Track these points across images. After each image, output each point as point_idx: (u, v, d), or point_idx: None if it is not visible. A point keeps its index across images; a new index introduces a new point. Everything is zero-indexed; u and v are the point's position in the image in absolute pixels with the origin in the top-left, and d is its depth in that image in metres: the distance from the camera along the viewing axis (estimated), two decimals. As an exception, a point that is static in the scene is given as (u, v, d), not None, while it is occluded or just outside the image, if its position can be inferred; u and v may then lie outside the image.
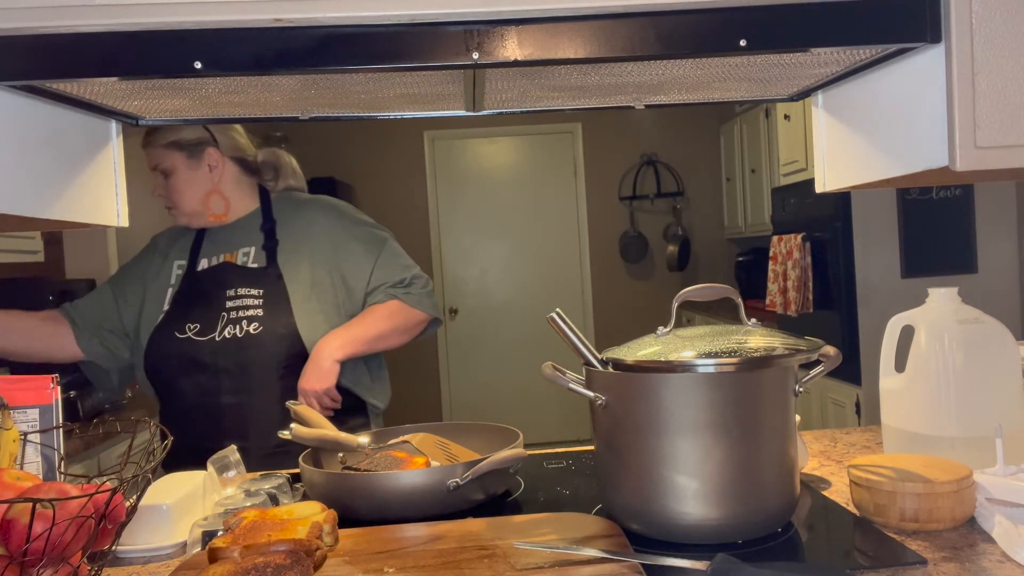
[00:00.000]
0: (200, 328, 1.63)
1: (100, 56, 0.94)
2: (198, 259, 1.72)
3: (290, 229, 1.73)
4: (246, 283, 1.66)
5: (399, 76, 1.05)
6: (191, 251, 1.73)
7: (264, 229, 1.72)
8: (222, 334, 1.62)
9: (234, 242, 1.72)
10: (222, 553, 0.94)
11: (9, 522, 0.85)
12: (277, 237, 1.72)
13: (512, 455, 1.23)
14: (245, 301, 1.64)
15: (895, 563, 0.95)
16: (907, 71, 1.06)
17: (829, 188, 1.32)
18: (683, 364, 1.01)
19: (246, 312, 1.63)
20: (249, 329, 1.62)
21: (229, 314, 1.63)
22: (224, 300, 1.65)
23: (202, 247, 1.74)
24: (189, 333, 1.63)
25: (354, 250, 1.73)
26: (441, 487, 1.17)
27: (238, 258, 1.70)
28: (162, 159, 1.69)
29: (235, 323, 1.63)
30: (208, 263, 1.71)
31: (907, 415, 1.32)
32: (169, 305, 1.68)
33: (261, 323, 1.62)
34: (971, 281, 3.23)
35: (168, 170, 1.69)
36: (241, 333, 1.62)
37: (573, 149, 5.97)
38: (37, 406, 1.11)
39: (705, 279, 5.70)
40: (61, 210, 1.08)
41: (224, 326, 1.62)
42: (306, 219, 1.75)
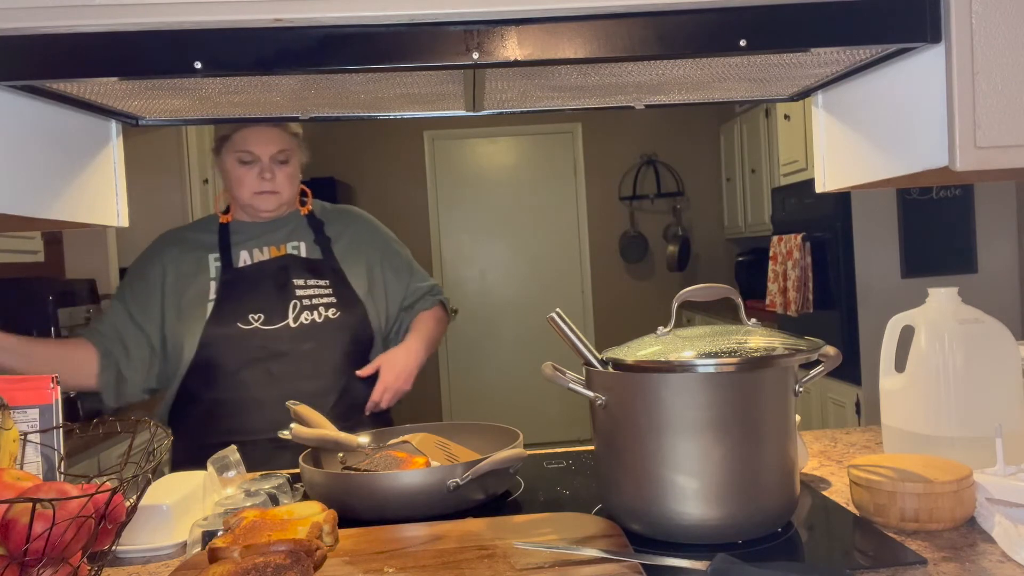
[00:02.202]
0: (266, 317, 1.63)
1: (100, 56, 0.94)
2: (233, 254, 1.71)
3: (338, 229, 1.79)
4: (312, 274, 1.70)
5: (399, 76, 1.05)
6: (220, 245, 1.72)
7: (313, 225, 1.77)
8: (298, 320, 1.64)
9: (277, 237, 1.73)
10: (222, 553, 0.94)
11: (9, 522, 0.85)
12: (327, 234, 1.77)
13: (512, 455, 1.23)
14: (315, 290, 1.68)
15: (895, 563, 0.95)
16: (907, 71, 1.06)
17: (829, 188, 1.32)
18: (683, 364, 1.01)
19: (320, 300, 1.67)
20: (328, 314, 1.66)
21: (302, 301, 1.66)
22: (293, 288, 1.67)
23: (233, 242, 1.72)
24: (255, 323, 1.62)
25: (397, 262, 1.84)
26: (441, 487, 1.17)
27: (287, 251, 1.72)
28: (288, 145, 1.69)
29: (310, 309, 1.66)
30: (251, 257, 1.70)
31: (907, 415, 1.32)
32: (215, 297, 1.66)
33: (337, 308, 1.68)
34: (971, 281, 3.23)
35: (287, 158, 1.69)
36: (320, 319, 1.66)
37: (573, 149, 5.97)
38: (37, 406, 1.11)
39: (705, 279, 5.69)
40: (61, 210, 1.08)
41: (299, 313, 1.65)
42: (351, 222, 1.83)
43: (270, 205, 1.69)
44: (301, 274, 1.69)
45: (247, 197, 1.69)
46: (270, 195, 1.68)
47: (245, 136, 1.65)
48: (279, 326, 1.63)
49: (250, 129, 1.65)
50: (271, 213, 1.72)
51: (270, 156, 1.66)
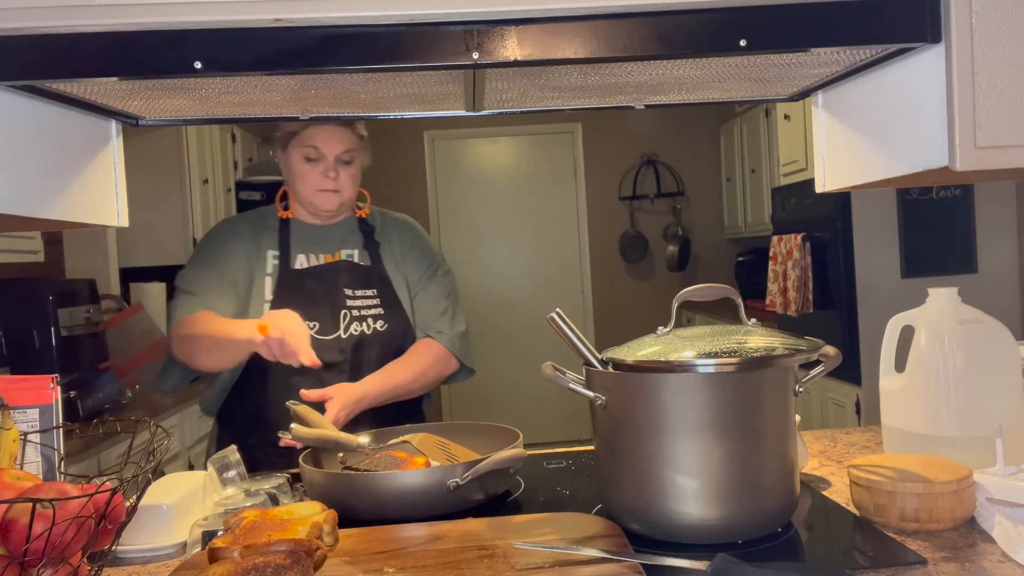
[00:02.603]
0: (320, 327, 1.63)
1: (100, 56, 0.94)
2: (291, 254, 1.70)
3: (388, 236, 1.78)
4: (361, 283, 1.69)
5: (399, 76, 1.05)
6: (280, 243, 1.71)
7: (363, 230, 1.76)
8: (347, 331, 1.64)
9: (333, 243, 1.73)
10: (222, 553, 0.94)
11: (9, 522, 0.85)
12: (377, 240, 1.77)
13: (511, 455, 1.23)
14: (364, 301, 1.68)
15: (895, 563, 0.95)
16: (907, 71, 1.06)
17: (829, 188, 1.32)
18: (683, 364, 1.01)
19: (369, 311, 1.67)
20: (376, 326, 1.66)
21: (351, 312, 1.66)
22: (344, 299, 1.66)
23: (292, 242, 1.71)
24: (311, 331, 1.59)
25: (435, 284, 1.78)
26: (441, 487, 1.17)
27: (341, 258, 1.72)
28: (354, 146, 1.68)
29: (360, 320, 1.66)
30: (307, 261, 1.69)
31: (907, 415, 1.32)
32: (272, 297, 1.65)
33: (385, 320, 1.68)
34: (971, 281, 3.23)
35: (352, 159, 1.69)
36: (368, 330, 1.66)
37: (573, 149, 5.97)
38: (37, 406, 1.11)
39: (705, 279, 5.68)
40: (61, 210, 1.08)
41: (348, 324, 1.64)
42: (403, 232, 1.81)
43: (331, 204, 1.68)
44: (352, 283, 1.68)
45: (309, 194, 1.67)
46: (332, 194, 1.67)
47: (314, 133, 1.64)
48: (332, 337, 1.63)
49: (319, 127, 1.64)
50: (331, 212, 1.71)
51: (336, 155, 1.65)
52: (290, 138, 1.67)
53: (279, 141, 1.70)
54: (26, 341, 2.52)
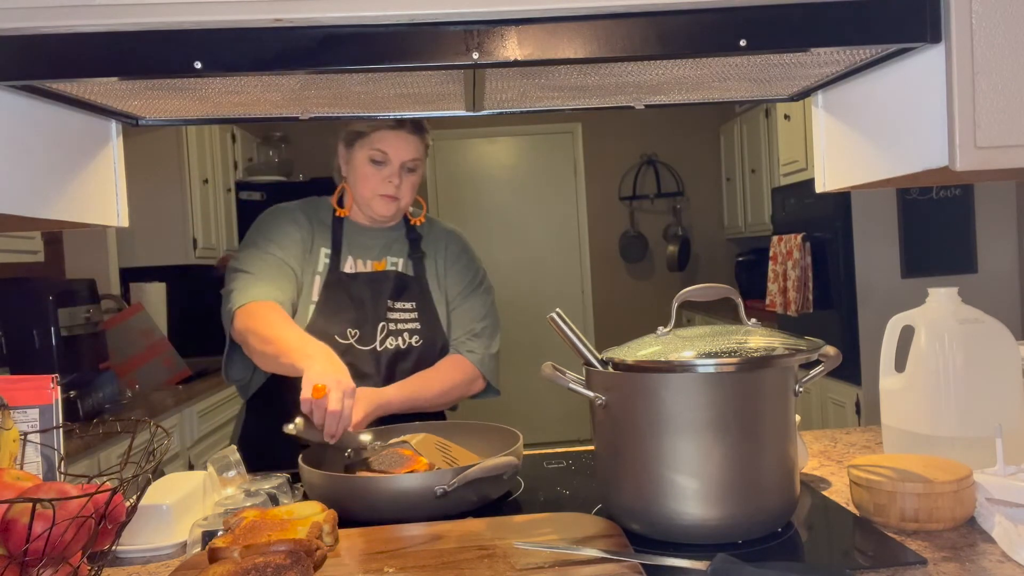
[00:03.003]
0: (360, 336, 1.61)
1: (100, 56, 0.94)
2: (342, 254, 1.68)
3: (433, 246, 1.76)
4: (403, 295, 1.67)
5: (399, 76, 1.05)
6: (333, 242, 1.68)
7: (410, 238, 1.75)
8: (383, 344, 1.62)
9: (380, 249, 1.71)
10: (222, 553, 0.94)
11: (9, 522, 0.85)
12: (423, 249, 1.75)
13: (500, 463, 1.21)
14: (403, 315, 1.66)
15: (895, 563, 0.95)
16: (907, 71, 1.06)
17: (829, 188, 1.32)
18: (683, 364, 1.01)
19: (405, 325, 1.65)
20: (411, 341, 1.64)
21: (389, 325, 1.64)
22: (385, 311, 1.64)
23: (343, 242, 1.69)
24: (351, 339, 1.59)
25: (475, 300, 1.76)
26: (428, 493, 1.16)
27: (387, 266, 1.70)
28: (420, 155, 1.67)
29: (396, 335, 1.64)
30: (354, 266, 1.68)
31: (907, 415, 1.32)
32: (318, 298, 1.62)
33: (421, 336, 1.66)
34: (971, 281, 3.23)
35: (416, 167, 1.67)
36: (404, 345, 1.64)
37: (573, 149, 5.96)
38: (37, 406, 1.11)
39: (705, 279, 5.69)
40: (61, 210, 1.08)
41: (385, 337, 1.63)
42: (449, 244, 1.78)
43: (389, 210, 1.66)
44: (394, 294, 1.66)
45: (368, 196, 1.65)
46: (391, 200, 1.65)
47: (383, 137, 1.62)
48: (368, 348, 1.61)
49: (389, 131, 1.62)
50: (386, 218, 1.69)
51: (402, 162, 1.63)
52: (357, 137, 1.65)
53: (344, 138, 1.68)
54: (26, 341, 2.52)
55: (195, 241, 3.98)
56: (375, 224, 1.72)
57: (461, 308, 1.74)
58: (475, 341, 1.72)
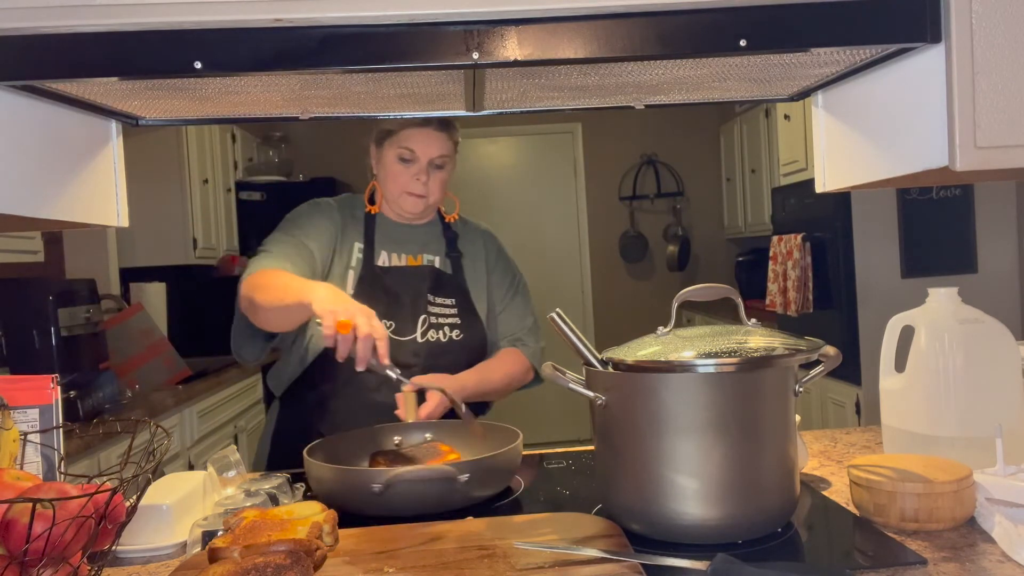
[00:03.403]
0: (396, 327, 1.62)
1: (100, 56, 0.94)
2: (375, 249, 1.69)
3: (469, 247, 1.79)
4: (443, 291, 1.69)
5: (399, 76, 1.05)
6: (366, 237, 1.70)
7: (447, 237, 1.77)
8: (424, 336, 1.64)
9: (415, 245, 1.73)
10: (222, 553, 0.94)
11: (9, 522, 0.85)
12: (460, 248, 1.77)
13: (436, 470, 1.19)
14: (444, 309, 1.68)
15: (895, 563, 0.95)
16: (907, 71, 1.06)
17: (829, 188, 1.32)
18: (683, 364, 1.01)
19: (446, 319, 1.67)
20: (452, 335, 1.66)
21: (430, 318, 1.65)
22: (425, 303, 1.66)
23: (376, 238, 1.70)
24: (388, 330, 1.57)
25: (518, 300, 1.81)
26: (367, 489, 1.17)
27: (422, 262, 1.72)
28: (448, 152, 1.69)
29: (437, 328, 1.65)
30: (388, 260, 1.69)
31: (907, 415, 1.32)
32: (353, 292, 1.63)
33: (461, 331, 1.67)
34: (971, 281, 3.23)
35: (444, 164, 1.69)
36: (445, 338, 1.65)
37: (573, 149, 5.97)
38: (37, 406, 1.11)
39: (705, 279, 5.69)
40: (61, 210, 1.08)
41: (426, 329, 1.64)
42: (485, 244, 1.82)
43: (417, 208, 1.69)
44: (434, 289, 1.68)
45: (396, 194, 1.68)
46: (419, 198, 1.67)
47: (411, 135, 1.65)
48: (408, 339, 1.62)
49: (417, 129, 1.65)
50: (415, 216, 1.71)
51: (429, 159, 1.66)
52: (386, 136, 1.67)
53: (374, 137, 1.70)
54: (26, 341, 2.52)
55: (195, 241, 3.98)
56: (408, 221, 1.74)
57: (508, 309, 1.78)
58: (527, 336, 1.78)
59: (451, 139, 1.70)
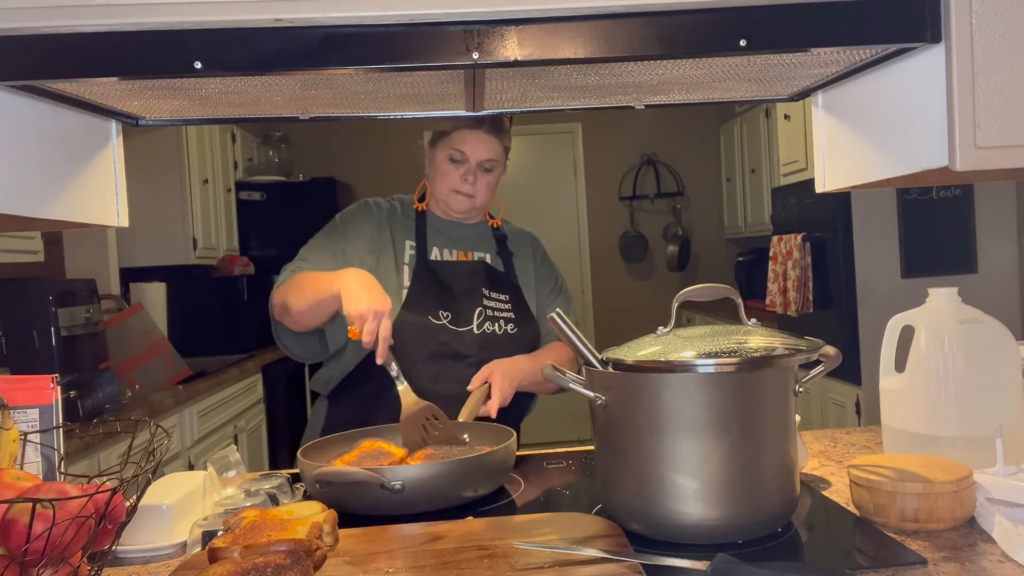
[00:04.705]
0: (452, 318, 1.65)
1: (100, 56, 0.94)
2: (427, 245, 1.73)
3: (518, 248, 1.84)
4: (496, 286, 1.74)
5: (399, 76, 1.05)
6: (417, 234, 1.74)
7: (497, 238, 1.83)
8: (481, 328, 1.66)
9: (465, 242, 1.77)
10: (222, 553, 0.94)
11: (9, 522, 0.85)
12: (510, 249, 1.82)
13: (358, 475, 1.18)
14: (498, 304, 1.71)
15: (895, 563, 0.95)
16: (907, 71, 1.06)
17: (829, 188, 1.32)
18: (683, 364, 1.01)
19: (502, 313, 1.71)
20: (508, 329, 1.69)
21: (486, 311, 1.69)
22: (481, 296, 1.70)
23: (428, 234, 1.74)
24: (444, 320, 1.63)
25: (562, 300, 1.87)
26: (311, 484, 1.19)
27: (473, 259, 1.76)
28: (497, 156, 1.74)
29: (493, 320, 1.69)
30: (441, 255, 1.73)
31: (907, 415, 1.32)
32: (409, 284, 1.67)
33: (516, 325, 1.71)
34: (971, 281, 3.23)
35: (492, 167, 1.74)
36: (500, 331, 1.68)
37: (573, 149, 5.97)
38: (37, 406, 1.11)
39: (705, 279, 5.68)
40: (61, 210, 1.08)
41: (483, 321, 1.67)
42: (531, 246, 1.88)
43: (463, 207, 1.73)
44: (487, 284, 1.72)
45: (444, 193, 1.72)
46: (466, 198, 1.72)
47: (463, 136, 1.69)
48: (465, 329, 1.65)
49: (469, 131, 1.69)
50: (462, 216, 1.75)
51: (478, 161, 1.70)
52: (440, 137, 1.73)
53: (429, 138, 1.75)
54: (26, 341, 2.52)
55: (195, 241, 3.98)
56: (456, 219, 1.77)
57: (555, 304, 1.82)
58: None
59: (501, 144, 1.75)
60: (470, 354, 1.64)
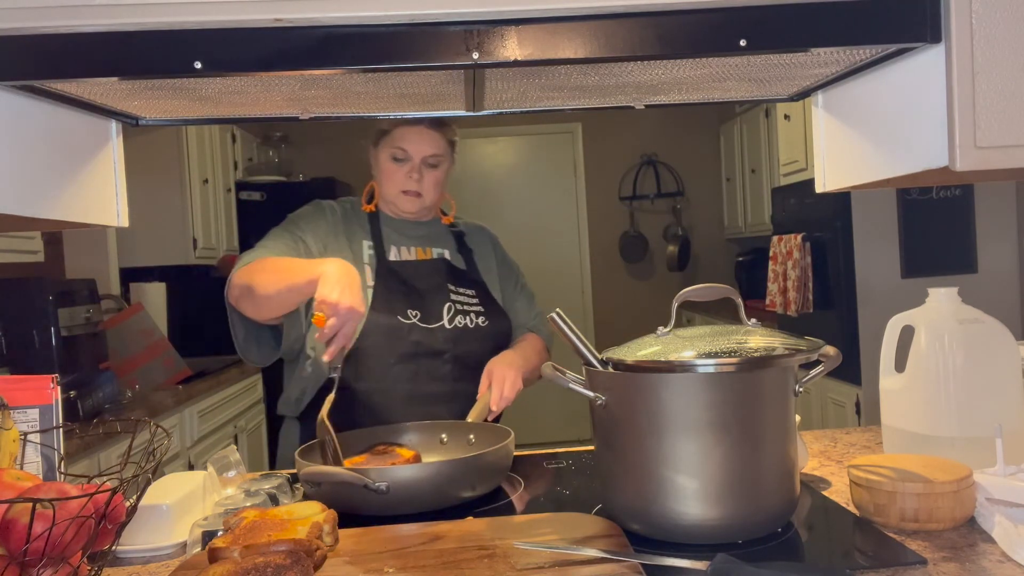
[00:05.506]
0: (422, 316, 1.62)
1: (100, 56, 0.94)
2: (384, 245, 1.69)
3: (476, 243, 1.82)
4: (461, 283, 1.72)
5: (399, 76, 1.05)
6: (373, 234, 1.70)
7: (454, 235, 1.80)
8: (453, 323, 1.65)
9: (424, 239, 1.74)
10: (222, 553, 0.94)
11: (9, 522, 0.85)
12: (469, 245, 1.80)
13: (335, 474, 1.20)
14: (465, 297, 1.70)
15: (895, 563, 0.95)
16: (907, 71, 1.06)
17: (829, 188, 1.32)
18: (683, 364, 1.01)
19: (471, 307, 1.69)
20: (479, 321, 1.68)
21: (455, 305, 1.67)
22: (448, 292, 1.68)
23: (383, 233, 1.71)
24: (414, 319, 1.61)
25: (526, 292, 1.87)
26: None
27: (432, 255, 1.74)
28: (441, 151, 1.69)
29: (464, 314, 1.67)
30: (400, 254, 1.70)
31: (907, 415, 1.32)
32: (373, 283, 1.63)
33: (487, 318, 1.69)
34: (971, 281, 3.23)
35: (438, 163, 1.69)
36: (472, 324, 1.67)
37: (573, 149, 5.96)
38: (37, 406, 1.11)
39: (705, 279, 5.68)
40: (61, 210, 1.08)
41: (453, 316, 1.65)
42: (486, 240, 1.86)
43: (412, 207, 1.69)
44: (452, 280, 1.70)
45: (392, 194, 1.69)
46: (414, 196, 1.68)
47: (403, 134, 1.65)
48: (436, 326, 1.63)
49: (409, 128, 1.65)
50: (412, 215, 1.72)
51: (422, 158, 1.66)
52: (381, 136, 1.68)
53: (371, 138, 1.72)
54: (26, 341, 2.52)
55: (195, 241, 3.98)
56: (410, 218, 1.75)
57: (519, 300, 1.83)
58: (538, 323, 1.84)
59: (445, 137, 1.70)
60: (445, 349, 1.62)
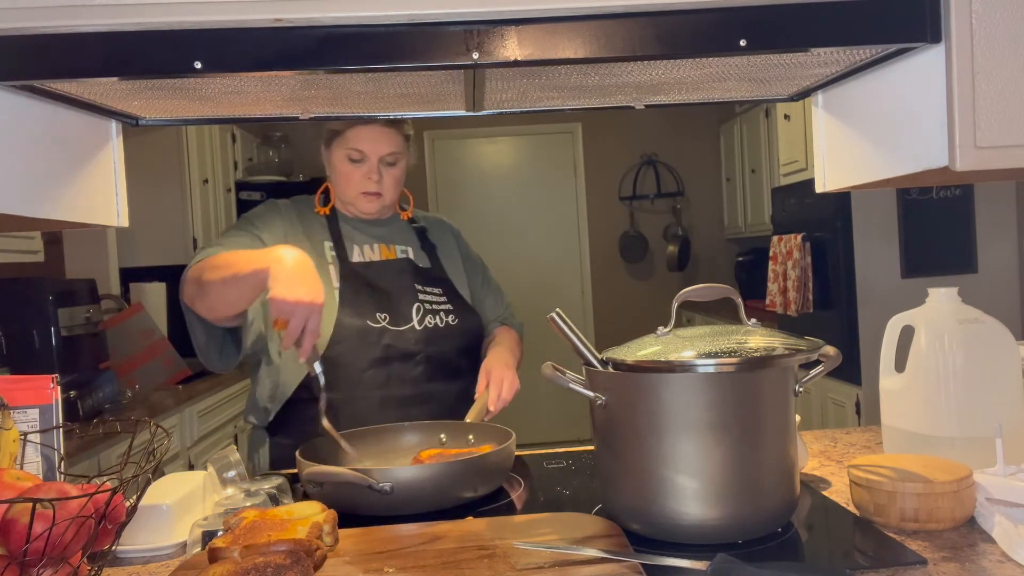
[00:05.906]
0: (391, 318, 1.59)
1: (100, 56, 0.94)
2: (345, 245, 1.65)
3: (438, 238, 1.79)
4: (427, 282, 1.69)
5: (399, 76, 1.05)
6: (332, 235, 1.66)
7: (416, 231, 1.76)
8: (423, 323, 1.62)
9: (385, 238, 1.71)
10: (222, 553, 0.94)
11: (9, 522, 0.85)
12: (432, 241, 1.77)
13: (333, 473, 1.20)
14: (432, 296, 1.67)
15: (895, 563, 0.95)
16: (907, 71, 1.06)
17: (829, 188, 1.32)
18: (683, 364, 1.01)
19: (440, 306, 1.66)
20: (448, 320, 1.66)
21: (425, 305, 1.64)
22: (415, 292, 1.65)
23: (343, 234, 1.67)
24: (383, 323, 1.58)
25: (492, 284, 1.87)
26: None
27: (396, 254, 1.70)
28: (398, 148, 1.65)
29: (433, 314, 1.64)
30: (363, 254, 1.67)
31: (907, 415, 1.32)
32: (339, 284, 1.59)
33: (456, 316, 1.67)
34: (971, 281, 3.23)
35: (396, 160, 1.65)
36: (442, 323, 1.64)
37: (573, 149, 5.96)
38: (37, 406, 1.11)
39: (705, 279, 5.68)
40: (61, 210, 1.08)
41: (423, 316, 1.63)
42: (447, 233, 1.83)
43: (372, 207, 1.66)
44: (418, 280, 1.67)
45: (351, 196, 1.65)
46: (374, 197, 1.65)
47: (358, 133, 1.61)
48: (406, 327, 1.60)
49: (363, 127, 1.61)
50: (372, 215, 1.69)
51: (379, 157, 1.62)
52: (334, 136, 1.64)
53: (323, 138, 1.68)
54: (26, 341, 2.52)
55: (195, 241, 3.98)
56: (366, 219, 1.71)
57: (488, 296, 1.83)
58: (508, 315, 1.86)
59: (400, 133, 1.65)
60: (416, 351, 1.59)
